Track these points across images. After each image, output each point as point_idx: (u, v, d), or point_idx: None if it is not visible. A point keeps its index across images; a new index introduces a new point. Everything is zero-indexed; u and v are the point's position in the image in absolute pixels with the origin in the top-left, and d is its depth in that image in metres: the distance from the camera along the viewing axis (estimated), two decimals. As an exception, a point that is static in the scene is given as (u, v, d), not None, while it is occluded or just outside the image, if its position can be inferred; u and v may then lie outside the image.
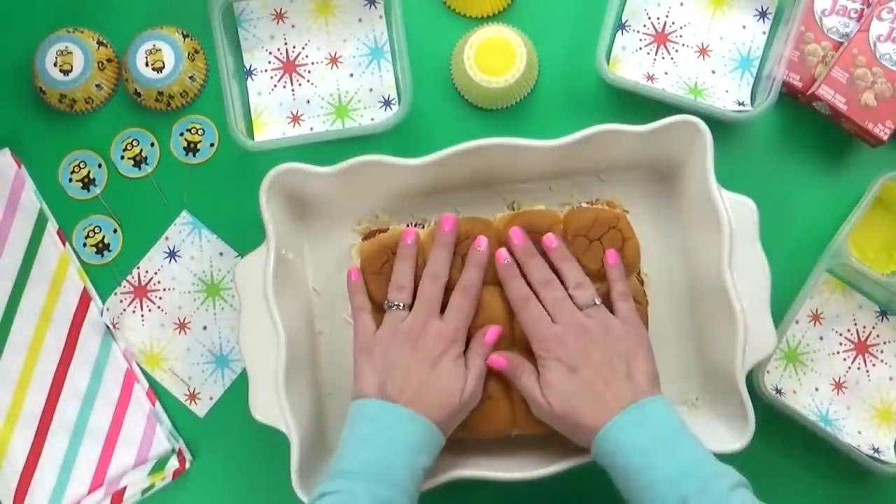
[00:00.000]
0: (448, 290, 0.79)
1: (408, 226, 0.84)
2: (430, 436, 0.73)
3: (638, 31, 0.92)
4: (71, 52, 0.90)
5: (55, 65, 0.90)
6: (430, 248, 0.81)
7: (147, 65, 0.91)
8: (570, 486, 0.81)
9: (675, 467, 0.69)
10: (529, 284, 0.79)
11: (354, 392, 0.77)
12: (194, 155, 0.93)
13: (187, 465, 0.89)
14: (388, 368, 0.75)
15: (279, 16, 0.93)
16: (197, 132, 0.93)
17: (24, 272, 0.91)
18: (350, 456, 0.72)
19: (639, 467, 0.69)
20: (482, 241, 0.79)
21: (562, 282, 0.79)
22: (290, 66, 0.92)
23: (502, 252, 0.79)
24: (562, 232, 0.81)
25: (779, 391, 0.89)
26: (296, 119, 0.92)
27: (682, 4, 0.92)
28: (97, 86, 0.92)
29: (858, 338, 0.91)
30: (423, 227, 0.84)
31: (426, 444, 0.73)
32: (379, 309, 0.80)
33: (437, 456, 0.75)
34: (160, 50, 0.91)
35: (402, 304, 0.78)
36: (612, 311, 0.79)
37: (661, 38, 0.92)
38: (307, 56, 0.93)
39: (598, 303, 0.78)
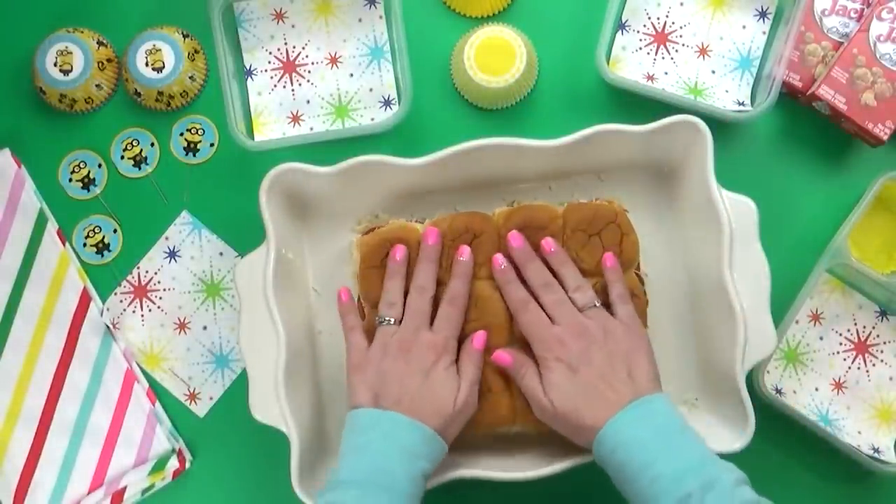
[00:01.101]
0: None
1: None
2: (428, 440, 0.73)
3: (638, 31, 0.92)
4: (71, 52, 0.90)
5: (55, 65, 0.90)
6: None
7: (147, 65, 0.91)
8: (571, 486, 0.81)
9: (679, 463, 0.69)
10: (527, 288, 0.79)
11: (349, 406, 0.77)
12: (194, 155, 0.93)
13: (187, 465, 0.89)
14: (382, 381, 0.76)
15: (279, 16, 0.93)
16: (197, 132, 0.93)
17: (24, 272, 0.91)
18: (347, 465, 0.72)
19: (641, 464, 0.69)
20: (465, 251, 0.80)
21: (561, 285, 0.79)
22: (290, 66, 0.93)
23: (499, 257, 0.80)
24: (561, 227, 0.82)
25: (779, 391, 0.89)
26: (296, 119, 0.92)
27: (682, 4, 0.92)
28: (97, 86, 0.92)
29: (858, 338, 0.91)
30: (423, 222, 0.84)
31: (424, 450, 0.73)
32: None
33: (438, 462, 0.75)
34: (160, 50, 0.91)
35: (392, 320, 0.78)
36: (610, 312, 0.79)
37: (661, 38, 0.92)
38: (307, 56, 0.93)
39: (597, 305, 0.78)
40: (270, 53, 0.93)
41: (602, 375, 0.74)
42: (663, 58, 0.92)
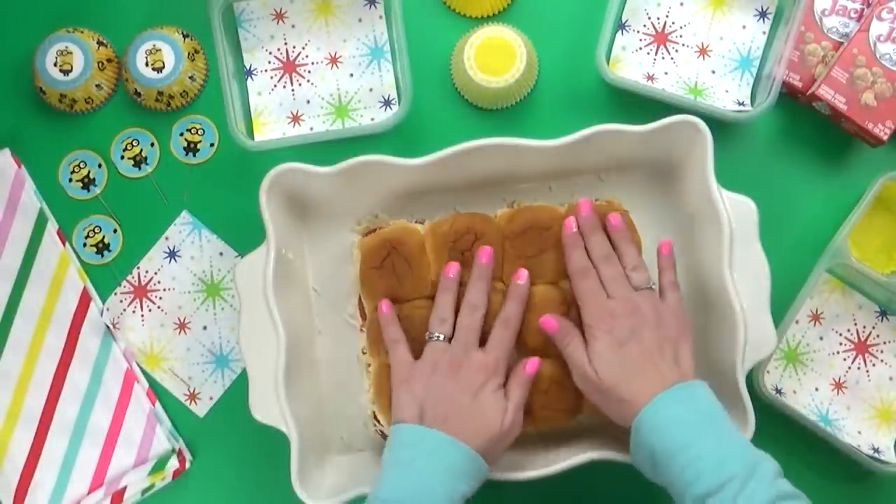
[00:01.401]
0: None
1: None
2: (471, 462, 0.73)
3: (638, 31, 0.92)
4: (71, 52, 0.90)
5: (55, 65, 0.90)
6: (430, 245, 0.81)
7: (147, 65, 0.91)
8: (571, 486, 0.81)
9: (722, 447, 0.69)
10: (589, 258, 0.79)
11: (394, 419, 0.77)
12: (194, 155, 0.93)
13: (187, 465, 0.89)
14: (429, 397, 0.75)
15: (279, 16, 0.93)
16: (197, 132, 0.93)
17: (24, 272, 0.91)
18: (389, 482, 0.72)
19: (681, 444, 0.69)
20: (523, 275, 0.80)
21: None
22: (290, 66, 0.93)
23: (571, 221, 0.80)
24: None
25: (779, 391, 0.89)
26: (296, 119, 0.92)
27: (682, 4, 0.92)
28: (97, 86, 0.92)
29: (858, 338, 0.91)
30: (423, 223, 0.85)
31: (467, 471, 0.73)
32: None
33: (479, 484, 0.74)
34: (160, 50, 0.91)
35: (442, 336, 0.78)
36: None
37: (661, 38, 0.92)
38: (307, 56, 0.93)
39: (652, 287, 0.78)
40: (270, 53, 0.93)
41: (649, 354, 0.74)
42: (663, 58, 0.92)
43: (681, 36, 0.92)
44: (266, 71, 0.92)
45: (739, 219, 0.80)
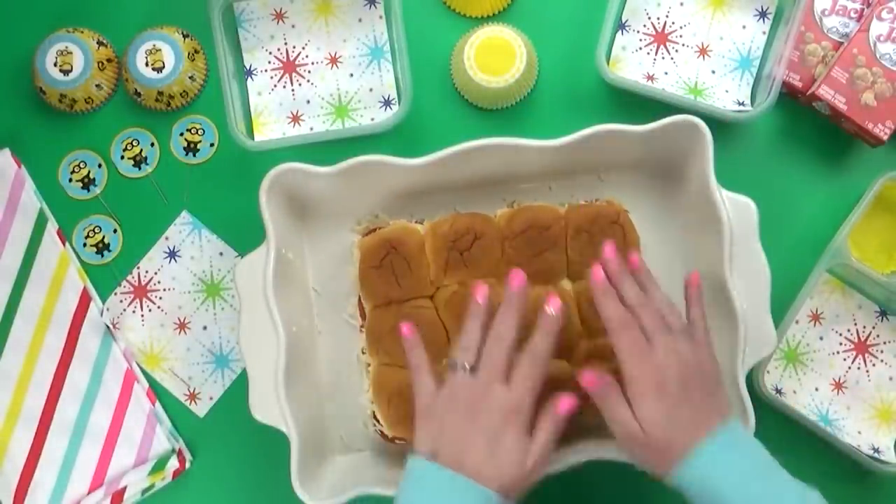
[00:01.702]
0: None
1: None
2: (487, 503, 0.69)
3: (638, 31, 0.92)
4: (71, 52, 0.91)
5: (55, 65, 0.90)
6: (429, 245, 0.81)
7: (147, 65, 0.91)
8: (572, 486, 0.81)
9: (773, 491, 0.68)
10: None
11: (413, 447, 0.73)
12: (194, 155, 0.93)
13: (187, 465, 0.89)
14: (444, 437, 0.71)
15: (279, 16, 0.93)
16: (197, 132, 0.93)
17: (24, 272, 0.91)
18: None
19: (732, 495, 0.67)
20: (556, 303, 0.73)
21: None
22: (290, 66, 0.93)
23: (599, 270, 0.75)
24: (563, 227, 0.82)
25: (779, 391, 0.89)
26: (296, 119, 0.92)
27: (682, 4, 0.92)
28: (97, 86, 0.92)
29: (858, 338, 0.91)
30: (423, 223, 0.85)
31: None
32: (388, 303, 0.81)
33: None
34: (160, 50, 0.91)
35: (465, 364, 0.72)
36: None
37: (661, 38, 0.92)
38: (307, 56, 0.93)
39: (685, 325, 0.75)
40: (270, 53, 0.93)
41: (696, 407, 0.71)
42: (663, 58, 0.92)
43: (681, 36, 0.92)
44: (266, 71, 0.92)
45: (739, 219, 0.80)
